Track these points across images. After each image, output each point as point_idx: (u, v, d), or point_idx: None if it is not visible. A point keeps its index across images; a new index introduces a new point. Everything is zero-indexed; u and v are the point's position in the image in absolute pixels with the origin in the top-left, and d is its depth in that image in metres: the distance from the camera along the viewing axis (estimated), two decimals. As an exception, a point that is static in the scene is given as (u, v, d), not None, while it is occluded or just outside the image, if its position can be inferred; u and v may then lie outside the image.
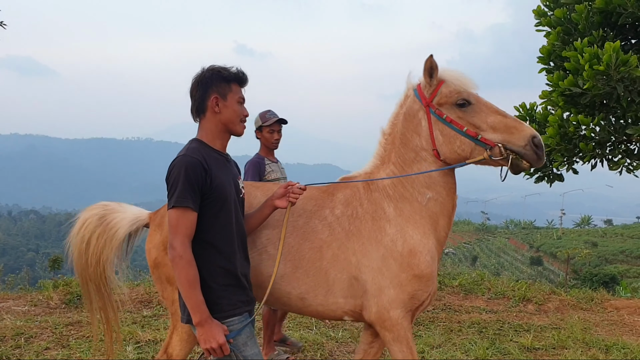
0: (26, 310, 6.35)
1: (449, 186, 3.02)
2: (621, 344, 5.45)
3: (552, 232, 66.83)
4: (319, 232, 3.02)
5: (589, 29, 7.53)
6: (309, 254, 2.99)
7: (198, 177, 2.51)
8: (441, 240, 3.06)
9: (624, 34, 7.87)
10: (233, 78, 2.69)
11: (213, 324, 2.49)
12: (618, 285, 16.98)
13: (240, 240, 2.73)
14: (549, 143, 7.66)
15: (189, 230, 2.50)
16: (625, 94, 6.96)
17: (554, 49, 8.00)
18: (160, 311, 6.48)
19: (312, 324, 6.01)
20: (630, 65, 6.54)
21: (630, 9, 7.11)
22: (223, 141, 2.74)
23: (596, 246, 52.22)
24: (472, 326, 6.04)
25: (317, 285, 2.98)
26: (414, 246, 2.92)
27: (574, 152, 7.94)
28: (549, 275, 39.36)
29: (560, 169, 8.30)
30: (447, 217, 3.04)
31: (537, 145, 2.75)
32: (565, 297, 7.33)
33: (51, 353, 5.01)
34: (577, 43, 7.03)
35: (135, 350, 5.11)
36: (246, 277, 2.73)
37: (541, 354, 5.29)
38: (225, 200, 2.62)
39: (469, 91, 2.91)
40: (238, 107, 2.69)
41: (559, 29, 7.89)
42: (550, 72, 8.17)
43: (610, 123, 7.66)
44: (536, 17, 8.53)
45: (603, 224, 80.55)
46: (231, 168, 2.80)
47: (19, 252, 75.98)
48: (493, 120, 2.84)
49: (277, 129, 4.93)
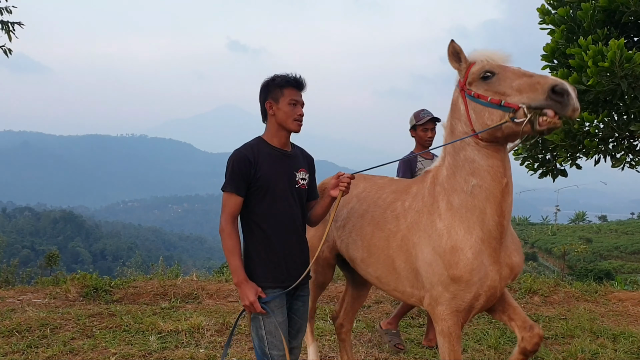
0: (46, 303, 6.49)
1: (495, 169, 2.88)
2: (628, 333, 5.64)
3: (546, 228, 67.26)
4: (388, 223, 3.31)
5: (593, 27, 7.70)
6: (379, 242, 3.32)
7: (242, 168, 3.03)
8: (492, 231, 2.91)
9: (627, 32, 8.05)
10: (285, 83, 3.11)
11: (248, 285, 3.00)
12: (613, 280, 17.20)
13: (288, 224, 3.13)
14: (553, 139, 7.84)
15: (232, 209, 3.05)
16: (629, 91, 7.13)
17: (557, 46, 8.17)
18: (177, 303, 6.64)
19: (326, 314, 6.17)
20: (635, 62, 6.71)
21: (633, 7, 7.28)
22: (280, 138, 3.17)
23: (591, 242, 52.61)
24: (483, 317, 6.21)
25: (388, 272, 3.31)
26: (456, 243, 2.94)
27: (578, 148, 8.12)
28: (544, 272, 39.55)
29: (564, 164, 8.47)
30: (496, 204, 2.88)
31: (557, 92, 2.52)
32: (570, 289, 7.52)
33: (78, 343, 5.16)
34: (582, 40, 7.20)
35: (158, 340, 5.26)
36: (290, 257, 3.13)
37: (551, 342, 5.47)
38: (269, 189, 3.08)
39: (494, 63, 2.85)
40: (289, 108, 3.09)
41: (563, 27, 8.05)
42: (554, 69, 8.34)
43: (614, 120, 7.84)
44: (540, 15, 8.69)
45: (597, 220, 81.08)
46: (289, 162, 3.19)
47: (13, 249, 75.75)
48: (518, 83, 2.69)
49: (430, 127, 5.07)
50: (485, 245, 2.93)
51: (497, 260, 2.97)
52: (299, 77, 3.15)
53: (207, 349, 5.09)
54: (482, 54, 2.92)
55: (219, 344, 5.27)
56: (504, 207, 2.91)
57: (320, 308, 6.44)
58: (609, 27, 7.68)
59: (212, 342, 5.30)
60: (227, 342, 3.48)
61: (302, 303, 3.28)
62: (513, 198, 3.00)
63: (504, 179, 2.89)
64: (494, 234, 2.93)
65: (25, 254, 68.11)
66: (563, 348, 5.26)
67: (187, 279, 7.69)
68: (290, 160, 3.21)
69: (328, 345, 5.28)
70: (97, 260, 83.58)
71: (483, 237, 2.93)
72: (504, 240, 2.99)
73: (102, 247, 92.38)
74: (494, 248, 2.95)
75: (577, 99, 2.54)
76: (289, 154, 3.22)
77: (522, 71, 2.76)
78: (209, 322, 5.74)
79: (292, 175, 3.18)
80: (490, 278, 2.95)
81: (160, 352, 5.00)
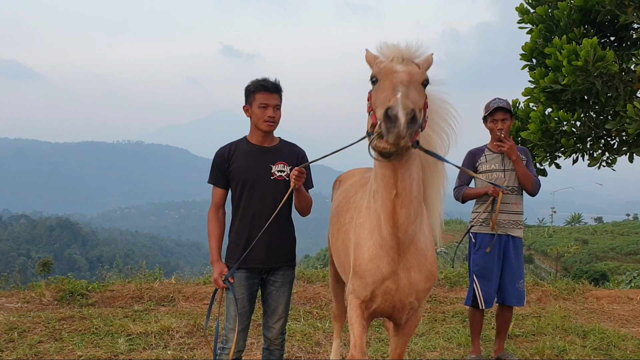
0: (19, 307, 6.44)
1: (386, 179, 2.73)
2: (598, 330, 5.64)
3: (543, 230, 67.20)
4: (341, 216, 3.56)
5: (570, 27, 7.72)
6: (336, 234, 3.60)
7: (218, 163, 3.63)
8: (387, 239, 2.86)
9: (604, 32, 8.07)
10: (255, 88, 3.50)
11: (215, 265, 3.58)
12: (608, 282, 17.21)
13: (259, 212, 3.53)
14: (531, 139, 7.85)
15: (215, 199, 3.67)
16: (603, 89, 7.15)
17: (536, 46, 8.19)
18: (151, 306, 6.60)
19: (299, 315, 6.15)
20: (608, 60, 6.73)
21: (608, 6, 7.31)
22: (258, 137, 3.61)
23: (587, 244, 52.58)
24: (456, 316, 6.20)
25: (339, 263, 3.59)
26: (360, 240, 3.03)
27: (556, 147, 8.13)
28: (540, 273, 39.62)
29: (542, 164, 8.48)
30: (387, 213, 2.79)
31: (387, 116, 2.32)
32: (549, 288, 7.52)
33: (44, 346, 5.12)
34: (557, 40, 7.22)
35: (126, 342, 5.22)
36: (259, 242, 3.47)
37: (521, 340, 5.47)
38: (240, 180, 3.56)
39: (383, 66, 2.61)
40: (259, 111, 3.50)
41: (541, 27, 8.08)
42: (533, 69, 8.36)
43: (591, 118, 7.86)
44: (519, 14, 8.72)
45: (593, 222, 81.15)
46: (265, 156, 3.58)
47: (9, 257, 75.45)
48: (384, 96, 2.47)
49: (500, 118, 4.65)
50: (383, 251, 2.91)
51: (394, 270, 2.94)
52: (270, 81, 3.49)
53: (174, 351, 5.06)
54: (385, 53, 2.68)
55: (188, 345, 5.24)
56: (397, 220, 2.79)
57: (295, 309, 6.43)
58: (586, 26, 7.71)
59: (180, 343, 5.28)
60: (207, 314, 3.80)
61: (275, 288, 3.64)
62: (423, 214, 2.95)
63: (394, 190, 2.72)
64: (390, 243, 2.88)
65: (22, 262, 67.80)
66: (532, 345, 5.25)
67: (165, 282, 7.65)
68: (268, 155, 3.60)
69: (297, 346, 5.25)
70: (94, 267, 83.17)
71: (381, 242, 2.91)
72: (405, 254, 2.92)
73: (99, 254, 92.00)
74: (392, 257, 2.91)
75: (406, 127, 2.28)
76: (268, 149, 3.62)
77: (395, 82, 2.49)
78: (180, 324, 5.72)
79: (267, 168, 3.56)
80: (386, 285, 2.97)
81: (127, 354, 4.97)
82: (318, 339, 5.46)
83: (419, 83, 2.60)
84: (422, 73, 2.63)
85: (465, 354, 5.01)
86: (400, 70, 2.55)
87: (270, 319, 3.69)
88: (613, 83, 7.21)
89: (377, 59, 2.72)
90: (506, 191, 4.51)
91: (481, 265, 4.64)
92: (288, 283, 3.70)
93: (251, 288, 3.62)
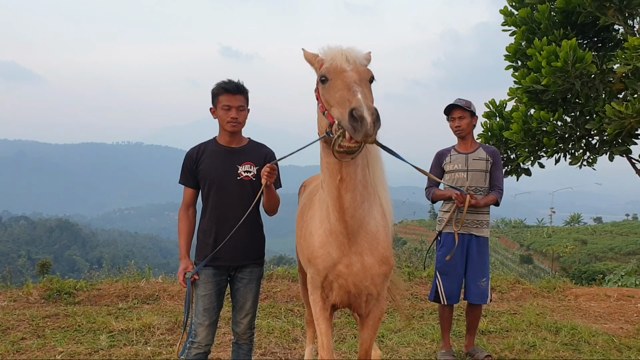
0: (5, 305, 6.54)
1: (331, 167, 2.85)
2: (570, 326, 5.73)
3: (542, 230, 67.26)
4: (304, 213, 3.58)
5: (551, 28, 7.83)
6: (299, 229, 3.63)
7: (187, 163, 3.74)
8: (335, 225, 3.00)
9: (585, 33, 8.18)
10: (218, 91, 3.60)
11: (182, 261, 3.69)
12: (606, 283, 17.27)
13: (225, 211, 3.63)
14: (513, 139, 7.96)
15: (185, 199, 3.78)
16: (583, 90, 7.26)
17: (519, 47, 8.31)
18: (135, 304, 6.71)
19: (280, 313, 6.26)
20: (587, 61, 6.84)
21: (589, 8, 7.41)
22: (225, 137, 3.71)
23: (586, 244, 52.62)
24: (434, 313, 6.30)
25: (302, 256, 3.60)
26: (312, 229, 3.23)
27: (538, 147, 8.23)
28: (539, 274, 39.68)
29: (525, 163, 8.58)
30: (333, 199, 2.92)
31: (353, 116, 2.38)
32: (529, 286, 7.62)
33: (26, 342, 5.22)
34: (537, 42, 7.33)
35: (108, 338, 5.33)
36: (223, 240, 3.55)
37: (494, 336, 5.56)
38: (207, 180, 3.66)
39: (334, 65, 2.68)
40: (222, 113, 3.60)
41: (524, 28, 8.19)
42: (517, 69, 8.47)
43: (574, 118, 7.96)
44: (503, 16, 8.83)
45: (593, 222, 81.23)
46: (232, 157, 3.67)
47: (9, 258, 75.50)
48: (339, 95, 2.54)
49: (457, 116, 4.70)
50: (332, 237, 3.05)
51: (345, 254, 3.06)
52: (233, 82, 3.58)
53: (154, 347, 5.16)
54: (326, 53, 2.77)
55: (168, 341, 5.35)
56: (343, 204, 2.90)
57: (277, 307, 6.53)
58: (567, 28, 7.82)
59: (160, 340, 5.39)
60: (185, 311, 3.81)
61: (243, 285, 3.74)
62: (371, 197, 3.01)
63: (338, 175, 2.84)
64: (339, 229, 3.00)
65: (21, 263, 67.87)
66: (503, 341, 5.35)
67: (151, 281, 7.75)
68: (234, 156, 3.69)
69: (275, 342, 5.36)
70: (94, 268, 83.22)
71: (331, 229, 3.05)
72: (356, 238, 3.03)
73: (99, 255, 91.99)
74: (342, 242, 3.03)
75: (373, 125, 2.38)
76: (235, 149, 3.70)
77: (348, 81, 2.57)
78: (161, 321, 5.82)
79: (233, 168, 3.65)
80: (338, 269, 3.08)
81: (107, 350, 5.07)
82: (296, 336, 5.56)
83: (367, 80, 2.71)
84: (368, 71, 2.75)
85: (437, 349, 5.12)
86: (349, 69, 2.65)
87: (239, 314, 3.79)
88: (593, 84, 7.32)
89: (317, 57, 2.85)
90: (472, 201, 4.52)
91: (444, 263, 4.75)
92: (255, 280, 3.79)
93: (219, 285, 3.71)
